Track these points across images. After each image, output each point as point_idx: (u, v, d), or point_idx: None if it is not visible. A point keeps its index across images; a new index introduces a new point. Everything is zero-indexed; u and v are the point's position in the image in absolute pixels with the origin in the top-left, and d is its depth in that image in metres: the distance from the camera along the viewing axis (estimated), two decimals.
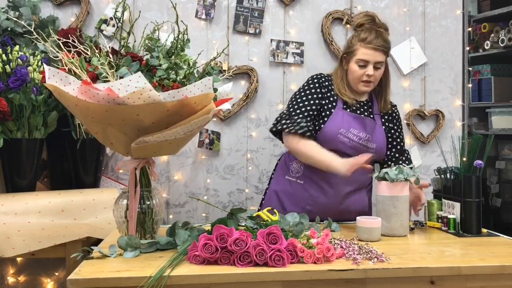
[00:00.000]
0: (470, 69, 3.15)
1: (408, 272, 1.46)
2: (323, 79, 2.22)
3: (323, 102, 2.16)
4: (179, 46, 1.72)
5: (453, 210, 1.95)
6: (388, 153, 2.24)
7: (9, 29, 2.38)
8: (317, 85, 2.19)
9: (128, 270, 1.42)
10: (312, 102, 2.15)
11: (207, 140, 2.74)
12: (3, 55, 2.13)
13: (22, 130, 2.19)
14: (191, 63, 1.73)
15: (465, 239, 1.83)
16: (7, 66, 2.11)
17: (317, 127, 2.12)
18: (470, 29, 3.65)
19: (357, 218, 1.80)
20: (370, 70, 2.11)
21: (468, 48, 3.01)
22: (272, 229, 1.49)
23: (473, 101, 3.94)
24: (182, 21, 1.75)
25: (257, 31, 2.78)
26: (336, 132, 2.10)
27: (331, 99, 2.17)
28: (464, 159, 1.96)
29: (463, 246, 1.72)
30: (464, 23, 2.97)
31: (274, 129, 2.18)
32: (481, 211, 1.90)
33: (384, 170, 1.88)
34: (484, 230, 1.94)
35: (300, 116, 2.11)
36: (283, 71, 2.81)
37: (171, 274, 1.38)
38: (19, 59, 2.15)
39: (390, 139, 2.25)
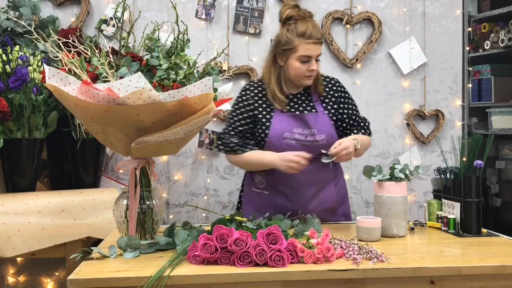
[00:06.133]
0: (470, 69, 3.15)
1: (408, 272, 1.46)
2: (253, 88, 2.15)
3: (257, 112, 2.10)
4: (179, 46, 1.72)
5: (453, 210, 1.95)
6: (340, 129, 2.15)
7: (9, 29, 2.38)
8: (247, 96, 2.13)
9: (128, 270, 1.42)
10: (241, 117, 2.11)
11: (207, 140, 2.74)
12: (3, 55, 2.13)
13: (22, 130, 2.19)
14: (191, 63, 1.73)
15: (465, 239, 1.83)
16: (7, 66, 2.11)
17: (262, 135, 2.08)
18: (470, 29, 3.65)
19: (357, 218, 1.79)
20: (313, 65, 2.04)
21: (468, 48, 3.02)
22: (272, 229, 1.48)
23: (473, 101, 3.93)
24: (182, 21, 1.76)
25: (257, 31, 2.78)
26: (280, 137, 2.06)
27: (268, 103, 2.11)
28: (464, 159, 1.96)
29: (463, 246, 1.72)
30: (464, 23, 2.97)
31: (217, 150, 2.15)
32: (481, 211, 1.90)
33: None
34: (484, 230, 1.94)
35: (232, 133, 2.11)
36: None
37: (171, 274, 1.38)
38: (19, 59, 2.15)
39: (339, 116, 2.14)
